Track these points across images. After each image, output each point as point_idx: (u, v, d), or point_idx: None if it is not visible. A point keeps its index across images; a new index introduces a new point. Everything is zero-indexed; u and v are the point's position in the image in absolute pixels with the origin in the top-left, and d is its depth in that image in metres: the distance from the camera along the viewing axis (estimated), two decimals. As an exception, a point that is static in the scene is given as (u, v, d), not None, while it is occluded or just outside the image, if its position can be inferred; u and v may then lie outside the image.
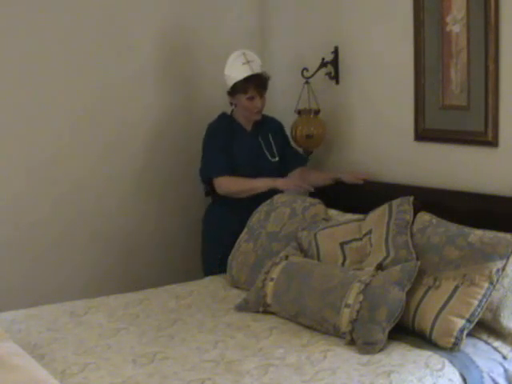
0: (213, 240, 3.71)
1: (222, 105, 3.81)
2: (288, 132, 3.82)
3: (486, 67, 3.04)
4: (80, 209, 3.78)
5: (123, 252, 3.94)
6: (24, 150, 3.60)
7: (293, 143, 3.82)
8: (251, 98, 3.61)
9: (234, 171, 3.60)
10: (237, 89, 3.60)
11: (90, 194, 3.80)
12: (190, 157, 3.83)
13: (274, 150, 3.72)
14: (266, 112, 3.81)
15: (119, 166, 3.88)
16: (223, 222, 3.67)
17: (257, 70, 3.60)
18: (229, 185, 3.58)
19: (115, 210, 3.89)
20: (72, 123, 3.72)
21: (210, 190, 3.67)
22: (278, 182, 3.56)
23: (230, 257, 3.45)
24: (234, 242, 3.49)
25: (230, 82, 3.61)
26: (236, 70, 3.59)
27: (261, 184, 3.56)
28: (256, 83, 3.58)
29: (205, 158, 3.67)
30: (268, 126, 3.77)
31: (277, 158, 3.72)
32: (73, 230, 3.76)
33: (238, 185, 3.58)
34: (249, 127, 3.73)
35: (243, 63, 3.58)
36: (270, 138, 3.73)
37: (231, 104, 3.71)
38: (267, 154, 3.70)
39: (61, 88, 3.66)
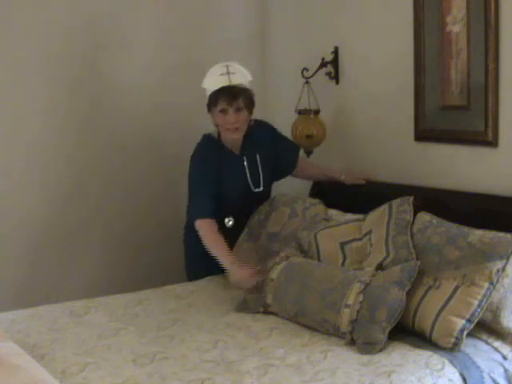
0: (195, 257, 3.51)
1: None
2: (288, 132, 3.81)
3: (486, 67, 3.04)
4: (80, 209, 3.78)
5: (124, 252, 3.94)
6: (27, 151, 3.60)
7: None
8: (223, 112, 3.21)
9: (221, 199, 3.31)
10: (210, 102, 3.24)
11: (92, 194, 3.80)
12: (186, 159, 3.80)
13: (260, 177, 3.40)
14: (266, 112, 3.81)
15: (120, 167, 3.88)
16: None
17: (235, 81, 3.20)
18: (202, 233, 3.24)
19: (116, 209, 3.89)
20: (72, 123, 3.72)
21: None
22: (231, 273, 3.13)
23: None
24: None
25: (207, 96, 3.27)
26: (212, 81, 3.23)
27: (222, 260, 3.17)
28: (228, 94, 3.17)
29: (190, 196, 3.39)
30: (257, 141, 3.42)
31: (261, 188, 3.40)
32: (74, 230, 3.77)
33: (208, 241, 3.22)
34: (237, 150, 3.40)
35: (221, 74, 3.21)
36: (258, 161, 3.40)
37: (216, 125, 3.35)
38: (250, 183, 3.39)
39: (69, 87, 3.68)
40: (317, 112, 3.75)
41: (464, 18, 3.12)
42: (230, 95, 3.18)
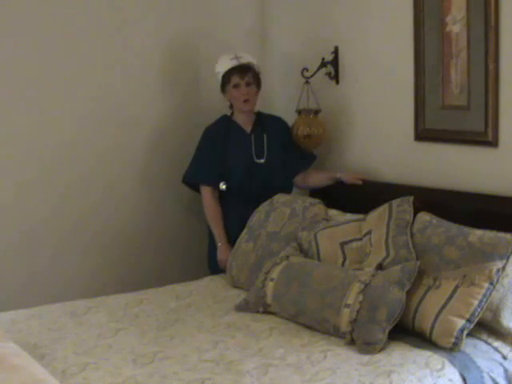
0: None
1: (220, 105, 3.81)
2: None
3: (486, 67, 3.04)
4: (81, 209, 3.77)
5: (124, 252, 3.93)
6: (23, 151, 3.59)
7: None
8: (236, 86, 3.60)
9: (227, 174, 3.63)
10: (224, 81, 3.62)
11: (92, 193, 3.80)
12: (190, 157, 3.82)
13: (265, 151, 3.68)
14: (266, 112, 3.82)
15: (121, 166, 3.88)
16: (228, 219, 3.68)
17: (244, 61, 3.61)
18: (205, 202, 3.67)
19: (116, 209, 3.89)
20: (75, 123, 3.71)
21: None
22: (218, 251, 3.62)
23: (230, 257, 3.46)
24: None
25: (219, 78, 3.64)
26: (223, 64, 3.62)
27: (216, 236, 3.64)
28: (239, 70, 3.58)
29: (193, 161, 3.70)
30: (268, 126, 3.73)
31: (262, 160, 3.67)
32: (74, 229, 3.76)
33: (207, 212, 3.68)
34: (248, 128, 3.71)
35: (231, 58, 3.61)
36: (264, 138, 3.69)
37: (230, 107, 3.71)
38: (253, 155, 3.67)
39: (65, 87, 3.66)
40: (317, 112, 3.75)
41: (464, 18, 3.12)
42: (242, 70, 3.60)
